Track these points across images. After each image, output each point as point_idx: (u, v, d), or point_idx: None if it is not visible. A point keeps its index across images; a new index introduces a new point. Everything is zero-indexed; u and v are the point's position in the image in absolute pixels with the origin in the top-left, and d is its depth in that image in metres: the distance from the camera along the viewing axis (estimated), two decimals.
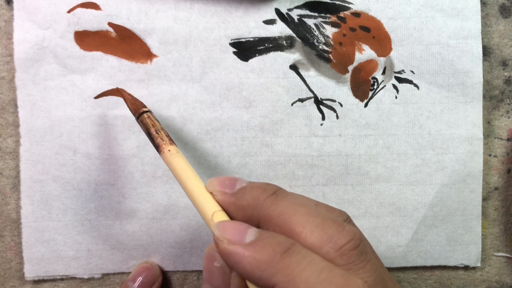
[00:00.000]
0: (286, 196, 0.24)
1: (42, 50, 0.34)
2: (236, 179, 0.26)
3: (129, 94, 0.32)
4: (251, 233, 0.23)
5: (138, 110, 0.30)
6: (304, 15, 0.34)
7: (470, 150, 0.34)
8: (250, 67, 0.34)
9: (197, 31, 0.34)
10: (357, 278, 0.21)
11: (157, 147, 0.28)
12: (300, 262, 0.21)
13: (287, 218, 0.23)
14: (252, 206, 0.24)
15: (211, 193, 0.25)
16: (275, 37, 0.34)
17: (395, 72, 0.34)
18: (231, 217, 0.25)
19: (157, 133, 0.28)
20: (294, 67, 0.34)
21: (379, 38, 0.34)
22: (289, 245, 0.22)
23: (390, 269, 0.36)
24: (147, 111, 0.30)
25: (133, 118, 0.34)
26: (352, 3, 0.34)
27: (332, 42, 0.34)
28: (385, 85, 0.34)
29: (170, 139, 0.28)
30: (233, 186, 0.25)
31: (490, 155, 0.35)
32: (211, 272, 0.27)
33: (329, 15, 0.34)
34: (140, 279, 0.33)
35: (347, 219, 0.25)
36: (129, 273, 0.35)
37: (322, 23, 0.34)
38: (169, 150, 0.27)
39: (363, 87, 0.34)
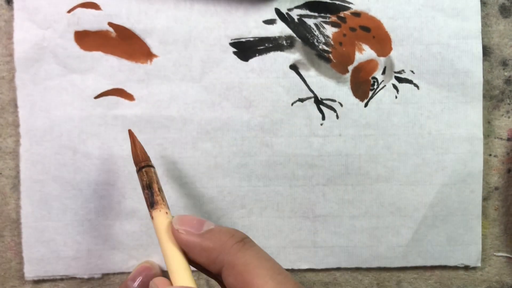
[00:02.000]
0: (253, 246, 0.24)
1: (42, 50, 0.34)
2: (204, 221, 0.26)
3: (139, 143, 0.30)
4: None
5: (146, 161, 0.29)
6: (304, 15, 0.34)
7: (470, 150, 0.34)
8: (250, 67, 0.34)
9: (197, 31, 0.34)
10: None
11: (154, 203, 0.27)
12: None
13: (251, 269, 0.23)
14: (217, 250, 0.24)
15: (177, 230, 0.25)
16: (275, 37, 0.34)
17: (395, 72, 0.34)
18: (195, 259, 0.25)
19: (159, 190, 0.28)
20: (294, 67, 0.34)
21: (379, 38, 0.34)
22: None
23: (390, 269, 0.36)
24: (153, 167, 0.29)
25: (134, 119, 0.34)
26: (352, 3, 0.34)
27: (332, 42, 0.34)
28: (385, 85, 0.34)
29: (168, 205, 0.28)
30: (200, 227, 0.25)
31: (490, 155, 0.35)
32: None
33: (329, 15, 0.34)
34: (140, 278, 0.33)
35: None
36: (129, 273, 0.35)
37: (322, 23, 0.34)
38: (166, 212, 0.27)
39: (363, 87, 0.34)
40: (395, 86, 0.34)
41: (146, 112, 0.34)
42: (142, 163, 0.29)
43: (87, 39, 0.34)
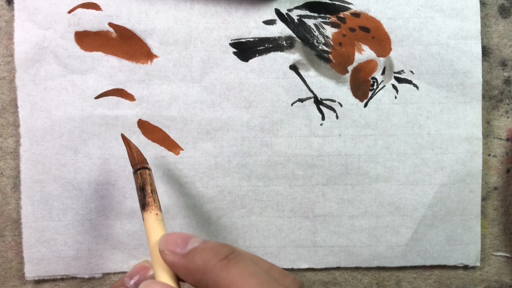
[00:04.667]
0: (238, 262, 0.23)
1: (43, 50, 0.34)
2: (189, 237, 0.25)
3: (135, 146, 0.31)
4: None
5: (142, 163, 0.29)
6: (304, 15, 0.34)
7: (470, 150, 0.35)
8: (250, 67, 0.34)
9: (197, 31, 0.34)
10: None
11: (145, 205, 0.28)
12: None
13: None
14: (201, 270, 0.23)
15: (162, 251, 0.25)
16: (275, 37, 0.34)
17: (394, 72, 0.34)
18: (183, 279, 0.25)
19: (152, 192, 0.28)
20: (294, 67, 0.34)
21: (379, 39, 0.34)
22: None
23: (389, 269, 0.36)
24: (149, 169, 0.29)
25: (134, 120, 0.34)
26: (351, 4, 0.34)
27: (332, 43, 0.34)
28: (384, 85, 0.34)
29: (160, 206, 0.28)
30: (185, 245, 0.25)
31: (489, 155, 0.35)
32: None
33: (328, 16, 0.34)
34: (137, 277, 0.33)
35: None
36: None
37: (322, 24, 0.34)
38: (156, 214, 0.27)
39: (363, 87, 0.35)
40: (394, 87, 0.34)
41: (147, 113, 0.34)
42: (138, 165, 0.29)
43: (87, 40, 0.34)
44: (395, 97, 0.34)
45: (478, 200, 0.35)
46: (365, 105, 0.35)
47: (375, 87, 0.34)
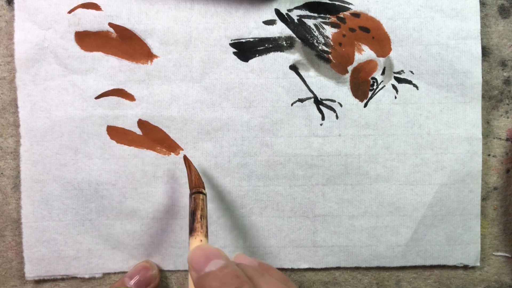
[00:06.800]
0: None
1: (43, 50, 0.34)
2: (213, 257, 0.25)
3: (195, 169, 0.32)
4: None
5: (198, 187, 0.30)
6: (304, 15, 0.34)
7: (469, 150, 0.35)
8: (250, 68, 0.34)
9: (197, 31, 0.34)
10: None
11: (192, 230, 0.28)
12: None
13: None
14: None
15: (188, 266, 0.25)
16: (275, 37, 0.34)
17: (394, 73, 0.34)
18: None
19: (201, 218, 0.28)
20: (294, 68, 0.34)
21: (379, 39, 0.34)
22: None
23: (389, 269, 0.36)
24: (204, 193, 0.30)
25: (134, 119, 0.34)
26: (351, 4, 0.34)
27: (331, 43, 0.34)
28: (384, 85, 0.34)
29: (207, 232, 0.28)
30: (204, 265, 0.25)
31: (489, 155, 0.35)
32: None
33: (328, 16, 0.34)
34: (137, 277, 0.33)
35: None
36: None
37: (321, 24, 0.34)
38: (201, 240, 0.27)
39: (363, 87, 0.35)
40: (394, 87, 0.34)
41: (147, 113, 0.34)
42: (194, 189, 0.30)
43: (87, 40, 0.34)
44: (395, 97, 0.35)
45: (478, 200, 0.35)
46: (365, 105, 0.35)
47: (375, 87, 0.34)
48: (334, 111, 0.35)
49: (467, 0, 0.34)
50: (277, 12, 0.34)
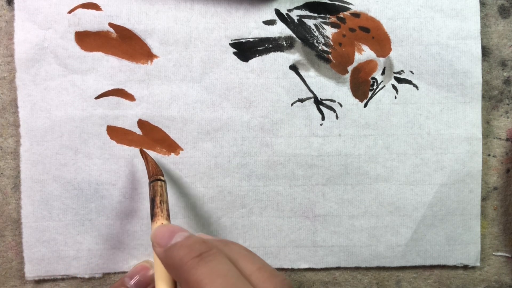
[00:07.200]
0: (209, 261, 0.23)
1: (43, 50, 0.34)
2: (176, 231, 0.25)
3: (152, 159, 0.33)
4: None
5: (156, 175, 0.31)
6: (304, 15, 0.34)
7: (469, 150, 0.35)
8: (250, 68, 0.34)
9: (197, 31, 0.34)
10: None
11: (153, 216, 0.28)
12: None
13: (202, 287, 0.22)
14: (176, 267, 0.23)
15: (152, 243, 0.25)
16: (275, 37, 0.34)
17: (394, 73, 0.34)
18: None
19: (161, 203, 0.29)
20: (294, 68, 0.34)
21: (379, 39, 0.34)
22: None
23: (389, 269, 0.36)
24: (163, 180, 0.30)
25: (134, 120, 0.34)
26: (351, 4, 0.34)
27: (331, 43, 0.34)
28: (384, 85, 0.34)
29: (168, 216, 0.28)
30: (169, 239, 0.25)
31: (489, 155, 0.35)
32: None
33: (328, 16, 0.34)
34: (137, 277, 0.33)
35: None
36: None
37: (321, 24, 0.34)
38: (162, 223, 0.27)
39: (363, 87, 0.35)
40: (394, 87, 0.34)
41: (147, 113, 0.34)
42: (152, 177, 0.31)
43: (87, 40, 0.34)
44: (395, 97, 0.35)
45: (478, 200, 0.35)
46: (365, 105, 0.35)
47: (375, 87, 0.34)
48: (334, 111, 0.35)
49: (467, 0, 0.34)
50: (277, 12, 0.34)
